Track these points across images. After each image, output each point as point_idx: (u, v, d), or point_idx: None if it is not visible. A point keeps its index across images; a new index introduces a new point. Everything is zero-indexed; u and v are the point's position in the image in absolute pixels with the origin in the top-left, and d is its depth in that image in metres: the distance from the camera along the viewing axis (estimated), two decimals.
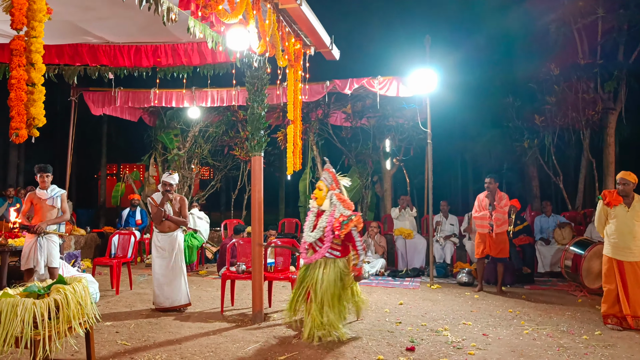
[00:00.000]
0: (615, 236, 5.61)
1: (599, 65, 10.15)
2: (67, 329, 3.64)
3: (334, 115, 11.55)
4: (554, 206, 10.14)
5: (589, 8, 10.31)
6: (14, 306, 3.34)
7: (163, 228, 6.30)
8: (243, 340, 5.04)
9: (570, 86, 10.28)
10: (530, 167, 11.63)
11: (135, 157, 15.09)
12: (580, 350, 4.69)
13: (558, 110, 10.36)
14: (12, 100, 2.52)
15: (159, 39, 6.76)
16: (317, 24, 5.86)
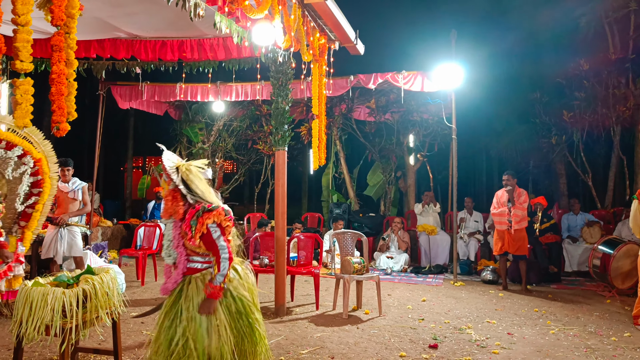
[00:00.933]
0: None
1: (630, 60, 9.87)
2: (94, 318, 3.71)
3: (357, 110, 11.50)
4: (582, 204, 9.94)
5: (621, 1, 10.03)
6: (44, 295, 3.42)
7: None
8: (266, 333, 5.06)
9: (601, 81, 10.04)
10: (558, 165, 11.40)
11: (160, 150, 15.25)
12: (609, 352, 4.60)
13: (587, 106, 10.12)
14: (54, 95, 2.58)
15: (185, 33, 6.83)
16: (342, 19, 5.84)
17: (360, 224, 10.35)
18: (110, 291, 3.90)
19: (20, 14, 2.58)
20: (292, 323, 5.48)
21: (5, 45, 2.66)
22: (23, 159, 5.07)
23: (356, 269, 5.92)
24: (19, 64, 2.59)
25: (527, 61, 12.28)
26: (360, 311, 6.02)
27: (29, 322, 3.28)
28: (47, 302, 3.40)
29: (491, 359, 4.39)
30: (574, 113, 10.24)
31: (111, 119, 12.84)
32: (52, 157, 5.35)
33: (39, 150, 5.21)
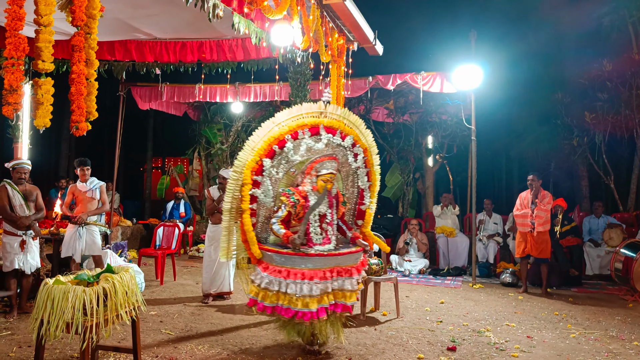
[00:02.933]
0: None
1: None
2: (114, 316, 3.75)
3: (376, 111, 11.46)
4: (604, 207, 9.77)
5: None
6: (65, 293, 3.46)
7: (215, 220, 6.55)
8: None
9: (624, 82, 9.86)
10: (580, 167, 11.22)
11: (179, 151, 15.41)
12: (631, 357, 4.51)
13: (610, 108, 9.95)
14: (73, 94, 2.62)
15: (204, 34, 6.90)
16: (361, 19, 5.83)
17: (378, 225, 10.31)
18: (130, 290, 3.94)
19: (43, 15, 2.63)
20: None
21: (28, 46, 2.70)
22: (354, 149, 4.51)
23: (374, 270, 5.89)
24: (40, 64, 2.63)
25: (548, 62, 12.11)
26: (378, 312, 6.00)
27: (50, 320, 3.33)
28: (68, 300, 3.44)
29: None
30: (596, 114, 10.08)
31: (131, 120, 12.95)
32: (374, 148, 4.75)
33: (363, 140, 4.64)
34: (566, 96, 10.79)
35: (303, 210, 4.25)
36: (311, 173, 4.31)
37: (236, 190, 4.31)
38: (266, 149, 4.22)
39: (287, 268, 4.10)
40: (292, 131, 4.24)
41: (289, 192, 4.27)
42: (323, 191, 4.27)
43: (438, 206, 10.02)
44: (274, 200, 4.37)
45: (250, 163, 4.23)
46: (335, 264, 4.18)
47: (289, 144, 4.24)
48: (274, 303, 4.12)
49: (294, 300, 4.02)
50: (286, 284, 4.06)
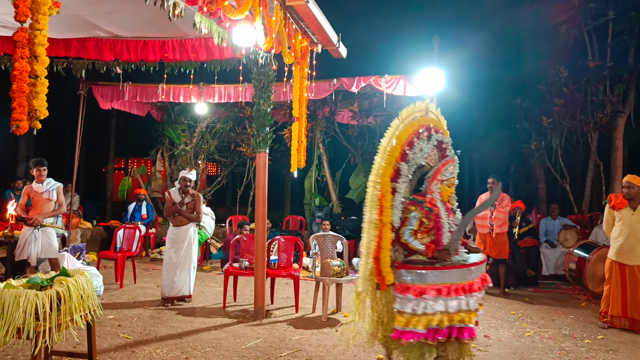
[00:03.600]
0: (620, 239, 5.60)
1: (608, 68, 10.05)
2: (68, 321, 3.66)
3: (340, 114, 11.52)
4: (560, 209, 10.08)
5: (599, 10, 10.23)
6: (16, 297, 3.36)
7: (176, 222, 6.47)
8: (244, 336, 5.06)
9: (579, 88, 10.21)
10: (537, 170, 11.55)
11: (142, 151, 15.16)
12: (582, 355, 4.67)
13: (566, 113, 10.28)
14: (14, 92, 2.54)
15: (167, 34, 6.78)
16: (325, 22, 5.85)
17: (342, 227, 10.37)
18: (85, 293, 3.85)
19: None
20: (271, 326, 5.47)
21: None
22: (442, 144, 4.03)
23: (336, 271, 5.92)
24: None
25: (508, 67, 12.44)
26: (340, 314, 6.03)
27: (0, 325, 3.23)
28: (20, 305, 3.34)
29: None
30: (553, 119, 10.40)
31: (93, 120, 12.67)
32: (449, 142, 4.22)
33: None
34: (525, 101, 11.10)
35: (435, 220, 3.75)
36: (437, 178, 3.86)
37: (375, 200, 3.72)
38: (400, 151, 3.73)
39: (444, 285, 3.57)
40: (415, 131, 3.80)
41: (417, 200, 3.78)
42: (492, 195, 4.30)
43: None
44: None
45: (387, 168, 3.72)
46: (476, 276, 3.74)
47: (417, 144, 3.78)
48: (429, 326, 3.53)
49: (453, 316, 3.58)
50: (445, 303, 3.55)
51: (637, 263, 5.52)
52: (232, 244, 6.85)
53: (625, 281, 5.55)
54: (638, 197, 5.60)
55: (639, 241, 5.51)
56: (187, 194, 6.51)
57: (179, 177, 6.64)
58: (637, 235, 5.52)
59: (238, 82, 8.60)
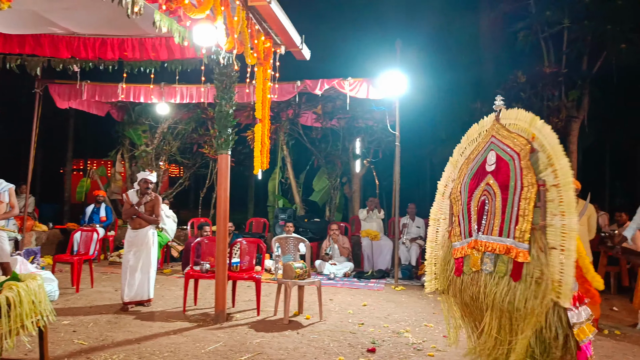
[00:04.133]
0: None
1: (563, 74, 10.38)
2: (19, 327, 3.53)
3: (304, 116, 11.54)
4: None
5: (555, 18, 10.54)
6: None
7: (134, 225, 6.36)
8: (204, 340, 4.98)
9: (536, 93, 10.49)
10: None
11: (102, 152, 14.79)
12: None
13: None
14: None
15: (126, 32, 6.63)
16: (288, 23, 5.83)
17: (305, 229, 10.37)
18: (37, 298, 3.73)
19: None
20: (232, 329, 5.41)
21: None
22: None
23: (298, 274, 5.91)
24: None
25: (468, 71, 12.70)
26: (302, 316, 6.02)
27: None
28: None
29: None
30: None
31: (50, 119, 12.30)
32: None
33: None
34: (484, 105, 11.32)
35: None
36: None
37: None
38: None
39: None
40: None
41: None
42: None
43: (364, 210, 10.21)
44: None
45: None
46: None
47: None
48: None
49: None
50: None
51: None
52: (193, 246, 6.75)
53: None
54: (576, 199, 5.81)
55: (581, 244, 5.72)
56: (145, 195, 6.38)
57: (138, 178, 6.51)
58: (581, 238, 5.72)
59: (200, 83, 8.50)
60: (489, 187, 3.67)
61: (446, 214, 4.14)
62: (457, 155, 4.21)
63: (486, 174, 3.72)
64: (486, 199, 3.66)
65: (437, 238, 4.20)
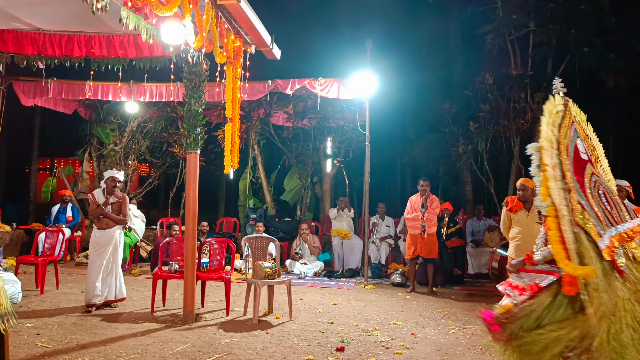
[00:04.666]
0: (518, 239, 6.00)
1: (529, 77, 10.64)
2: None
3: (275, 115, 11.52)
4: (486, 210, 10.54)
5: (521, 21, 10.81)
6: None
7: (101, 225, 6.24)
8: (172, 341, 4.94)
9: (503, 95, 10.72)
10: (465, 172, 12.03)
11: (69, 151, 14.50)
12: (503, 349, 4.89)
13: (491, 118, 10.78)
14: None
15: (93, 28, 6.53)
16: (258, 22, 5.82)
17: (276, 228, 10.36)
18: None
19: None
20: (201, 330, 5.38)
21: None
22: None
23: (268, 273, 5.90)
24: None
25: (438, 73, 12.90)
26: (271, 316, 6.02)
27: None
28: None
29: (394, 359, 4.54)
30: (479, 124, 10.87)
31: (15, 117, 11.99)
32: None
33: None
34: (453, 106, 11.55)
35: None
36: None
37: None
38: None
39: None
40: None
41: None
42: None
43: (334, 209, 10.26)
44: None
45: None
46: None
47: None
48: None
49: None
50: None
51: None
52: (161, 246, 6.67)
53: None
54: (531, 199, 6.04)
55: (535, 240, 5.91)
56: (112, 194, 6.28)
57: (104, 177, 6.39)
58: (532, 235, 5.91)
59: (169, 81, 8.42)
60: (597, 177, 3.28)
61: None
62: (551, 138, 3.23)
63: (585, 163, 3.29)
64: (600, 190, 3.24)
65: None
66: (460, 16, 12.76)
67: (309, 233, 9.47)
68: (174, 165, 12.77)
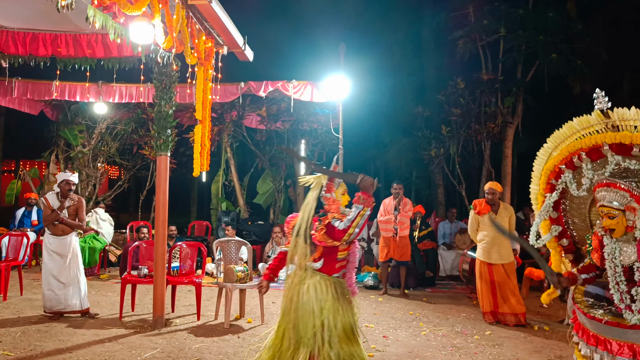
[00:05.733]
0: (485, 241, 6.14)
1: (500, 81, 10.82)
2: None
3: (248, 118, 11.44)
4: (457, 213, 10.66)
5: (492, 27, 10.98)
6: None
7: (56, 231, 5.90)
8: (141, 347, 4.83)
9: (474, 100, 10.88)
10: (437, 175, 12.16)
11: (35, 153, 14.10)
12: (471, 350, 4.94)
13: (463, 122, 10.93)
14: None
15: (59, 27, 6.36)
16: (229, 23, 5.76)
17: (249, 232, 10.27)
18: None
19: None
20: (171, 335, 5.28)
21: None
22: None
23: (239, 277, 5.84)
24: None
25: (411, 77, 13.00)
26: (243, 320, 5.95)
27: None
28: None
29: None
30: (451, 128, 11.00)
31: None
32: None
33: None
34: (426, 110, 11.67)
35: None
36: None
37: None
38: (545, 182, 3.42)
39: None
40: (566, 159, 3.25)
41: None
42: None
43: None
44: None
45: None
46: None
47: (565, 175, 3.29)
48: None
49: None
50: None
51: (501, 262, 6.10)
52: (130, 250, 6.53)
53: (493, 279, 6.07)
54: (498, 202, 6.18)
55: (502, 242, 6.08)
56: (66, 198, 5.96)
57: (58, 180, 6.07)
58: (499, 237, 6.04)
59: (139, 82, 8.27)
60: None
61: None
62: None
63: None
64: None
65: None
66: (433, 21, 12.90)
67: (282, 236, 9.40)
68: (145, 167, 12.55)
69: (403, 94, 12.96)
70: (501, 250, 6.10)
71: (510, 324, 5.92)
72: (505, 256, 6.12)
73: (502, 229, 4.34)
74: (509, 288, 6.04)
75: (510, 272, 6.13)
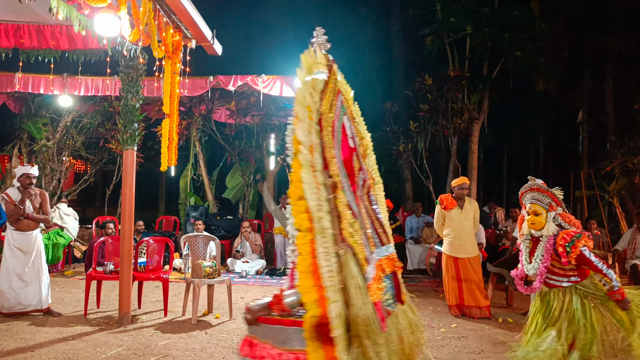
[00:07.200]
0: (452, 235, 6.27)
1: (466, 78, 11.01)
2: None
3: (218, 112, 11.34)
4: (425, 207, 10.82)
5: (459, 24, 11.16)
6: None
7: (21, 226, 5.73)
8: (106, 344, 4.77)
9: (442, 96, 11.03)
10: (405, 170, 12.31)
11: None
12: (437, 343, 5.05)
13: (430, 118, 11.08)
14: None
15: (22, 17, 6.19)
16: (197, 17, 5.71)
17: (218, 226, 10.22)
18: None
19: None
20: (137, 332, 5.23)
21: None
22: None
23: (207, 272, 5.81)
24: None
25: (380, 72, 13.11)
26: (211, 316, 5.94)
27: None
28: None
29: None
30: (419, 123, 11.15)
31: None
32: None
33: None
34: (394, 105, 11.78)
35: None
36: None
37: None
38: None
39: None
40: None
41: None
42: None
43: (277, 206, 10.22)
44: None
45: None
46: None
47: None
48: None
49: None
50: None
51: (467, 256, 6.23)
52: (96, 246, 6.43)
53: (459, 273, 6.21)
54: (464, 197, 6.29)
55: (467, 236, 6.23)
56: (27, 192, 5.76)
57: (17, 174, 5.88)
58: (465, 231, 6.20)
59: (106, 75, 8.12)
60: (365, 174, 2.62)
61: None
62: (309, 104, 2.42)
63: (352, 151, 2.53)
64: (370, 193, 2.68)
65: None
66: (402, 18, 13.01)
67: (251, 231, 9.39)
68: (112, 161, 12.33)
69: (372, 89, 13.06)
70: (467, 244, 6.23)
71: (475, 317, 6.06)
72: (471, 250, 6.25)
73: (269, 200, 4.13)
74: (474, 282, 6.18)
75: (476, 266, 6.27)
